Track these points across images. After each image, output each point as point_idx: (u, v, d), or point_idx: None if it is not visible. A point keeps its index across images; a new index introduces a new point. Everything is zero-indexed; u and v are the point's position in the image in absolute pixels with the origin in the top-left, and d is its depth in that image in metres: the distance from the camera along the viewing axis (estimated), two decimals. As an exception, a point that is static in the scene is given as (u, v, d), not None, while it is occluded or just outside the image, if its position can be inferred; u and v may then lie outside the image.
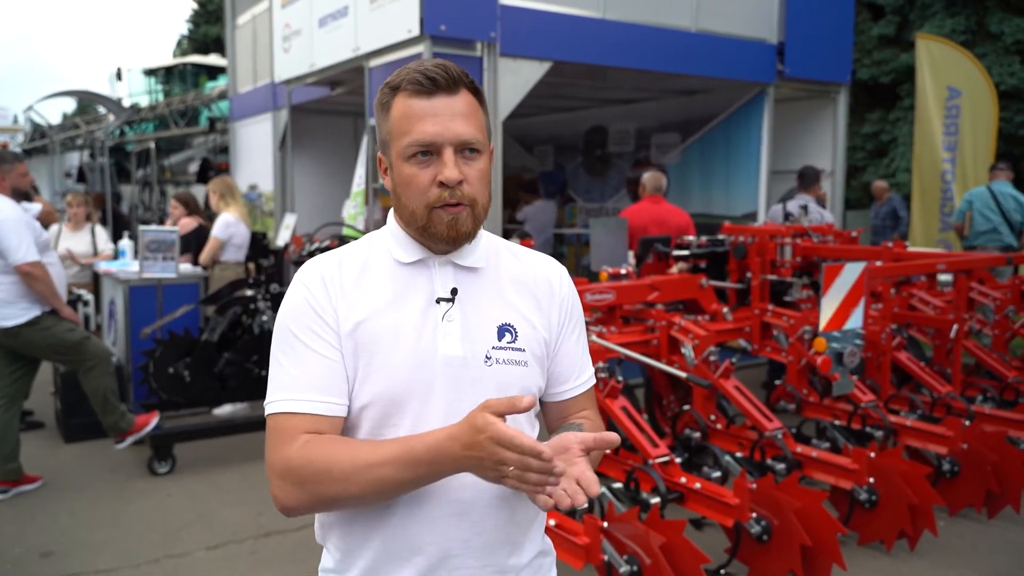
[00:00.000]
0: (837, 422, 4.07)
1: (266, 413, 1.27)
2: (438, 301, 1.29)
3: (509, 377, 1.30)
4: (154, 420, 4.72)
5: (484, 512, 1.28)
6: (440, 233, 1.26)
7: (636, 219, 5.71)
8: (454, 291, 1.30)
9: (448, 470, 1.14)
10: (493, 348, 1.30)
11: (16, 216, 4.30)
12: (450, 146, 1.24)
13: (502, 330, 1.32)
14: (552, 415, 1.46)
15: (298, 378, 1.24)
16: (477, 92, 1.30)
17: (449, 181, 1.23)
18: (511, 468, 1.06)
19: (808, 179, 6.42)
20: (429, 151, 1.24)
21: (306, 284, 1.29)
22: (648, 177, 6.05)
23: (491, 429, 1.06)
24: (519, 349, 1.32)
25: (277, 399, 1.25)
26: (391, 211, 1.37)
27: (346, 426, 1.29)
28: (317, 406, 1.23)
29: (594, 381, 1.48)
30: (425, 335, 1.27)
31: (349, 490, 1.17)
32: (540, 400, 1.44)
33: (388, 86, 1.29)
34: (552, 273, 1.41)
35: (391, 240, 1.34)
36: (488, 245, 1.38)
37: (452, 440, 1.10)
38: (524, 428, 1.34)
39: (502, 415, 1.07)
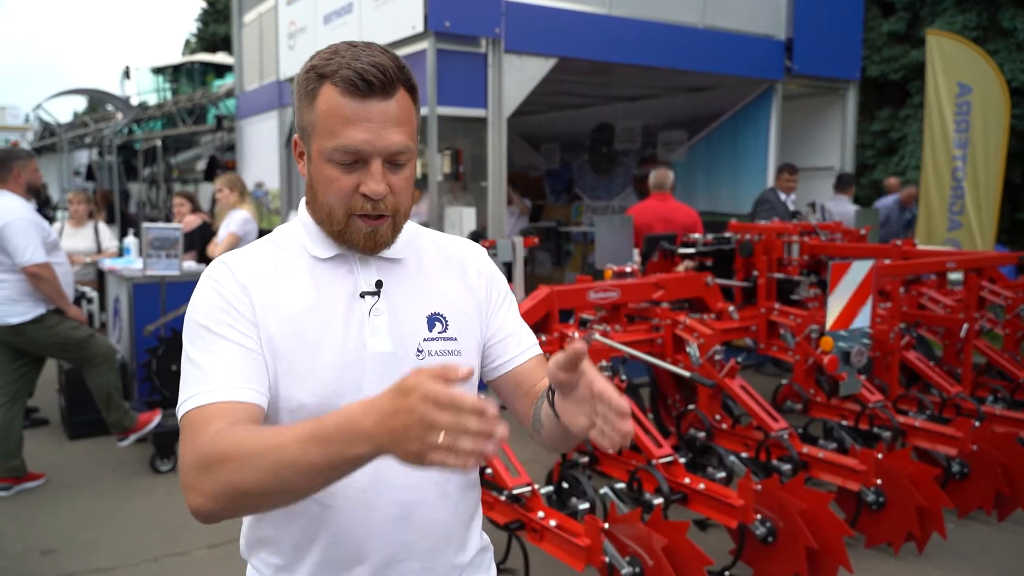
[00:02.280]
0: (844, 422, 4.02)
1: (178, 417, 1.12)
2: (363, 295, 1.23)
3: None
4: (157, 418, 4.71)
5: (427, 512, 1.22)
6: (357, 242, 1.20)
7: (642, 217, 5.69)
8: (379, 283, 1.24)
9: (363, 449, 0.91)
10: (424, 340, 1.24)
11: (25, 216, 4.29)
12: (379, 157, 1.16)
13: (432, 320, 1.26)
14: (506, 390, 1.37)
15: (208, 369, 1.11)
16: (412, 90, 1.21)
17: (375, 195, 1.16)
18: (440, 436, 0.85)
19: (845, 182, 7.44)
20: (355, 158, 1.16)
21: (215, 278, 1.19)
22: (654, 174, 6.04)
23: (424, 387, 0.85)
24: (451, 338, 1.27)
25: (187, 397, 1.10)
26: (303, 202, 1.28)
27: None
28: (231, 392, 1.09)
29: (540, 350, 1.41)
30: (351, 332, 1.20)
31: (255, 476, 0.95)
32: (489, 381, 1.39)
33: (316, 71, 1.16)
34: (470, 254, 1.38)
35: (304, 234, 1.25)
36: (408, 235, 1.31)
37: (367, 413, 0.90)
38: None
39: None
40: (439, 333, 1.26)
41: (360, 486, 1.19)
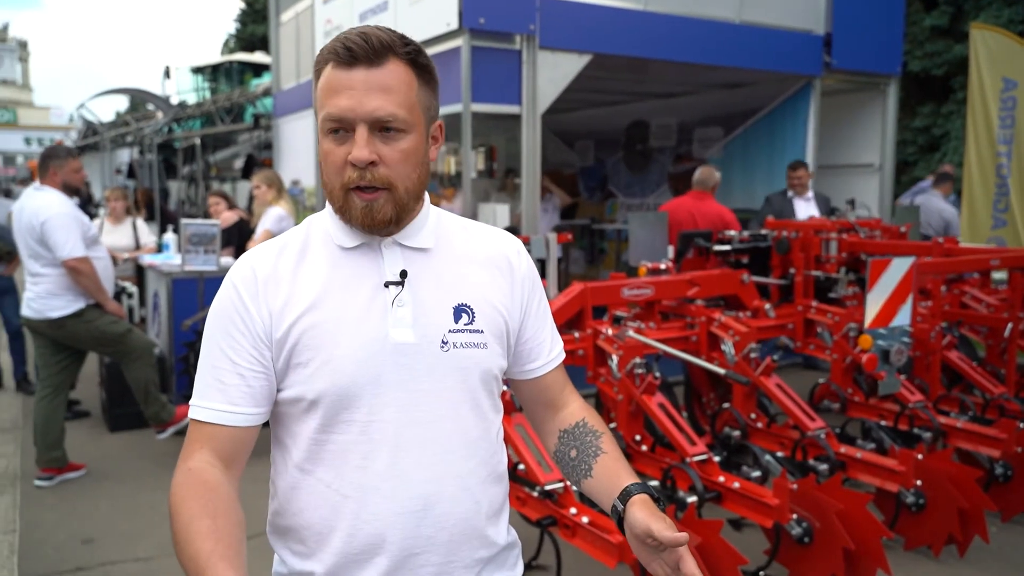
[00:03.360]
0: (883, 422, 3.95)
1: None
2: (387, 285, 1.22)
3: (468, 361, 1.24)
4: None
5: (447, 506, 1.22)
6: (355, 219, 1.19)
7: (674, 214, 5.66)
8: (403, 273, 1.23)
9: None
10: (450, 332, 1.23)
11: (65, 211, 4.37)
12: (363, 123, 1.15)
13: (458, 311, 1.25)
14: (527, 392, 1.41)
15: (210, 384, 1.21)
16: (417, 64, 1.20)
17: (356, 161, 1.15)
18: None
19: (942, 179, 7.62)
20: (341, 126, 1.16)
21: (234, 283, 1.23)
22: (699, 171, 6.14)
23: None
24: (477, 331, 1.25)
25: (192, 404, 1.23)
26: None
27: (296, 425, 1.23)
28: (219, 415, 1.20)
29: (564, 355, 1.43)
30: (372, 322, 1.19)
31: (174, 541, 1.12)
32: (512, 380, 1.40)
33: (321, 55, 1.20)
34: (510, 249, 1.35)
35: (330, 223, 1.26)
36: (437, 223, 1.30)
37: None
38: (488, 413, 1.28)
39: None
40: (465, 325, 1.25)
41: (380, 478, 1.19)
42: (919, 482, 3.38)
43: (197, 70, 23.08)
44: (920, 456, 3.42)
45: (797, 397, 3.73)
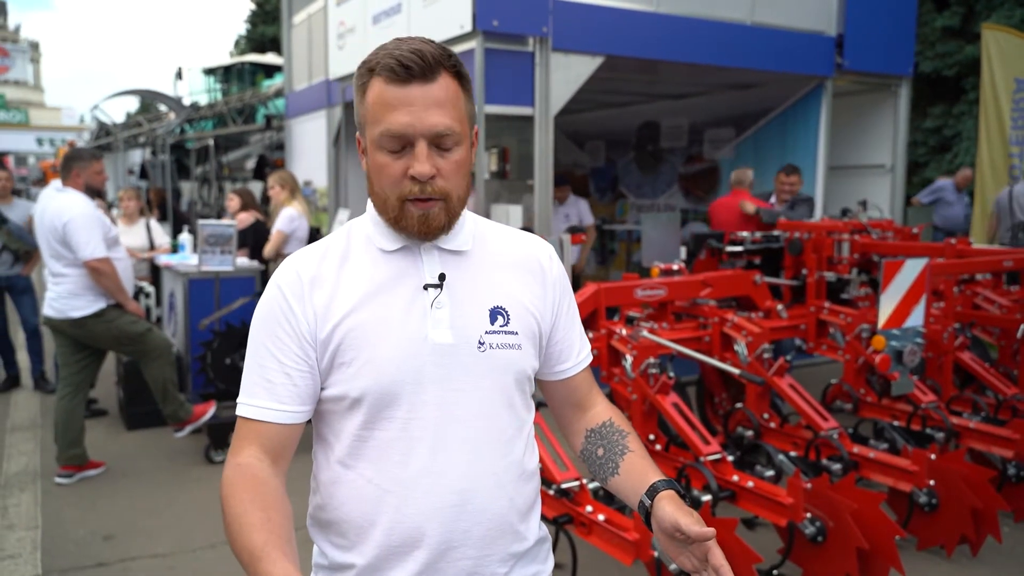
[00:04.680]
0: (896, 423, 3.97)
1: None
2: (426, 288, 1.26)
3: (503, 362, 1.28)
4: (211, 410, 4.83)
5: (483, 502, 1.26)
6: (411, 228, 1.23)
7: (722, 213, 6.16)
8: (442, 276, 1.27)
9: None
10: (486, 333, 1.27)
11: (87, 212, 4.43)
12: (423, 139, 1.19)
13: (494, 313, 1.29)
14: (556, 393, 1.46)
15: (257, 383, 1.25)
16: (460, 75, 1.24)
17: (421, 176, 1.19)
18: None
19: None
20: (401, 143, 1.20)
21: (279, 285, 1.27)
22: (734, 172, 6.49)
23: None
24: (512, 332, 1.29)
25: (239, 402, 1.27)
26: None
27: (339, 423, 1.27)
28: (266, 413, 1.24)
29: (591, 357, 1.47)
30: (412, 324, 1.24)
31: (227, 533, 1.17)
32: (541, 380, 1.44)
33: (366, 66, 1.23)
34: (541, 253, 1.39)
35: (372, 227, 1.30)
36: (473, 227, 1.35)
37: None
38: (521, 412, 1.32)
39: None
40: (500, 326, 1.29)
41: (419, 473, 1.23)
42: (932, 482, 3.40)
43: (209, 71, 23.21)
44: (933, 456, 3.43)
45: (810, 397, 3.75)
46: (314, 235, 6.34)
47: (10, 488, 4.50)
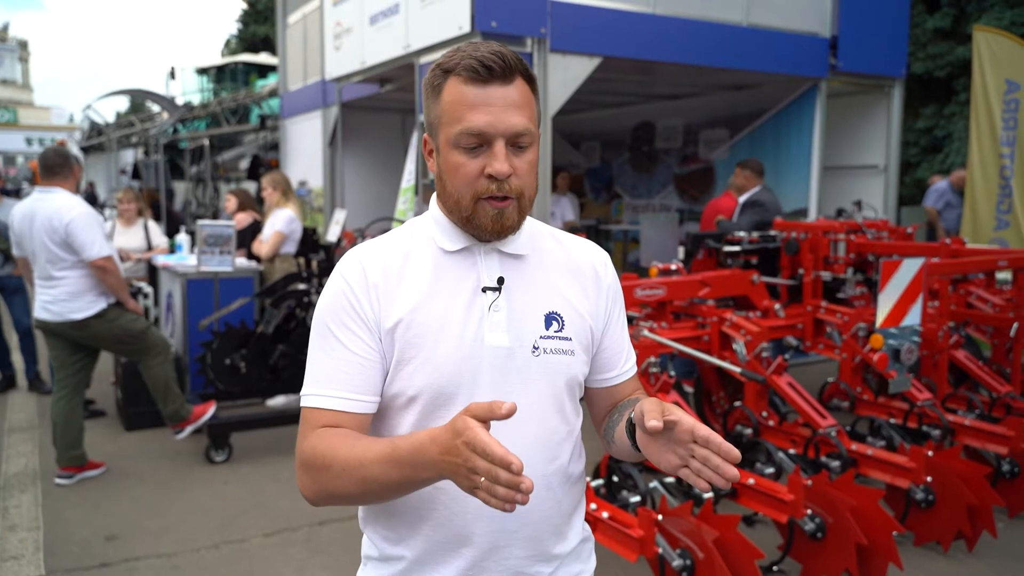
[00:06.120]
0: (892, 420, 4.01)
1: (300, 403, 1.30)
2: (484, 290, 1.28)
3: (556, 366, 1.30)
4: (211, 410, 4.84)
5: (532, 503, 1.27)
6: (485, 226, 1.25)
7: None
8: (500, 280, 1.29)
9: (430, 474, 1.09)
10: (541, 337, 1.29)
11: (88, 211, 4.42)
12: (502, 138, 1.21)
13: (549, 319, 1.30)
14: (601, 401, 1.47)
15: (328, 374, 1.26)
16: (531, 80, 1.26)
17: (499, 175, 1.21)
18: (482, 479, 1.00)
19: None
20: (479, 141, 1.22)
21: (345, 277, 1.28)
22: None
23: (468, 434, 1.00)
24: (566, 338, 1.31)
25: (307, 393, 1.27)
26: (434, 196, 1.34)
27: (395, 419, 1.29)
28: (340, 402, 1.24)
29: (636, 368, 1.49)
30: (471, 325, 1.26)
31: (347, 487, 1.17)
32: (587, 388, 1.44)
33: (440, 68, 1.24)
34: (597, 260, 1.41)
35: (434, 227, 1.32)
36: (532, 231, 1.36)
37: (432, 443, 1.06)
38: (570, 417, 1.34)
39: (484, 420, 1.02)
40: (555, 332, 1.30)
41: None
42: (929, 478, 3.45)
43: (202, 71, 23.15)
44: (930, 453, 3.48)
45: (808, 395, 3.80)
46: (310, 235, 6.36)
47: (10, 489, 4.50)
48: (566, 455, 1.33)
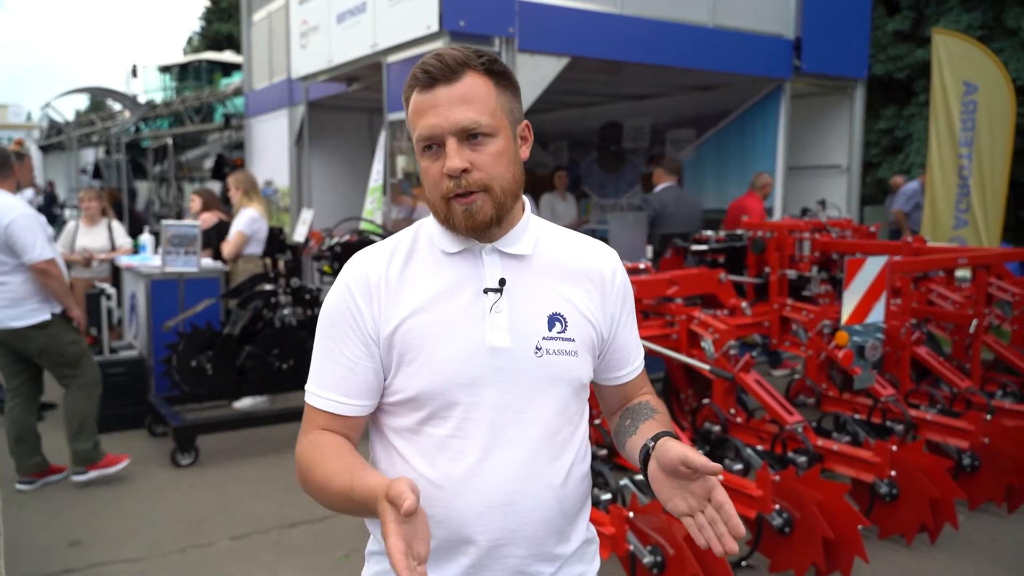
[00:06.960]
0: (857, 416, 4.08)
1: (304, 398, 1.36)
2: (486, 292, 1.29)
3: (559, 368, 1.30)
4: (123, 462, 4.54)
5: (532, 503, 1.28)
6: (458, 224, 1.26)
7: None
8: (502, 281, 1.29)
9: (376, 517, 1.11)
10: (543, 339, 1.29)
11: (28, 212, 4.22)
12: (451, 136, 1.22)
13: (552, 320, 1.31)
14: (612, 398, 1.50)
15: (325, 375, 1.32)
16: (494, 73, 1.27)
17: (451, 171, 1.22)
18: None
19: None
20: (435, 143, 1.24)
21: (348, 283, 1.31)
22: (754, 176, 6.93)
23: (383, 528, 1.03)
24: (569, 339, 1.31)
25: (308, 390, 1.34)
26: None
27: (397, 419, 1.31)
28: (334, 405, 1.31)
29: (643, 365, 1.51)
30: (472, 327, 1.27)
31: (322, 501, 1.27)
32: (597, 384, 1.47)
33: (407, 83, 1.28)
34: (605, 262, 1.40)
35: (435, 228, 1.33)
36: (535, 230, 1.36)
37: (376, 501, 1.08)
38: (574, 417, 1.35)
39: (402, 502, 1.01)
40: (558, 333, 1.31)
41: (471, 472, 1.27)
42: (893, 473, 3.51)
43: (164, 69, 22.79)
44: (894, 448, 3.55)
45: (776, 392, 3.85)
46: (276, 235, 6.29)
47: (-31, 495, 4.40)
48: (569, 456, 1.34)
